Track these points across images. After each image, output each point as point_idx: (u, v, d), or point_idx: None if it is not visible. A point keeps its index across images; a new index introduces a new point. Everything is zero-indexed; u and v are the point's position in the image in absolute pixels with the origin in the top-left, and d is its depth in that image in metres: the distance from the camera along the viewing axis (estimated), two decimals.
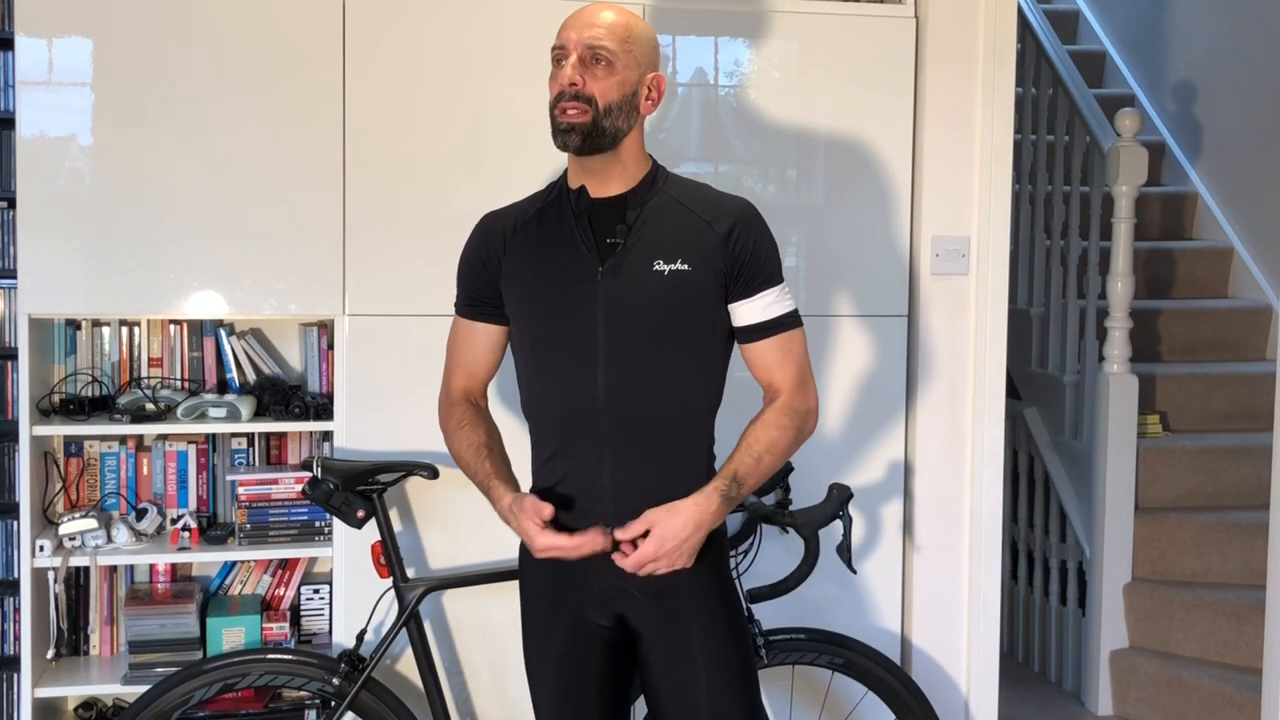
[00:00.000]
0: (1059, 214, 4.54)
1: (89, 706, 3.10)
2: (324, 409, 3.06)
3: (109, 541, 2.98)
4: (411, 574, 2.94)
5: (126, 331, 3.16)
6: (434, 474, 2.82)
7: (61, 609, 3.07)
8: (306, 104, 2.94)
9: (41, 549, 2.92)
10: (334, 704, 2.78)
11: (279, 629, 3.11)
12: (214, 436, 3.17)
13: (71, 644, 3.14)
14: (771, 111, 3.16)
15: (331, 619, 3.10)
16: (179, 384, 3.17)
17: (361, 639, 2.80)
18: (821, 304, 3.19)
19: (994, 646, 3.31)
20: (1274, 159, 4.80)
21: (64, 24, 2.85)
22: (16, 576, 3.03)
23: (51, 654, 3.06)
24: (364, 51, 2.96)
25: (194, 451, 3.16)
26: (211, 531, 3.10)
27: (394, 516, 2.99)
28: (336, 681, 2.77)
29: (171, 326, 3.17)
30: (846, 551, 2.76)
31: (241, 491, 3.05)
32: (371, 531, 2.81)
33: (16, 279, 2.89)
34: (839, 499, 2.74)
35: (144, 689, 2.78)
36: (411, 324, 2.99)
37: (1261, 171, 4.89)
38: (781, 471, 2.86)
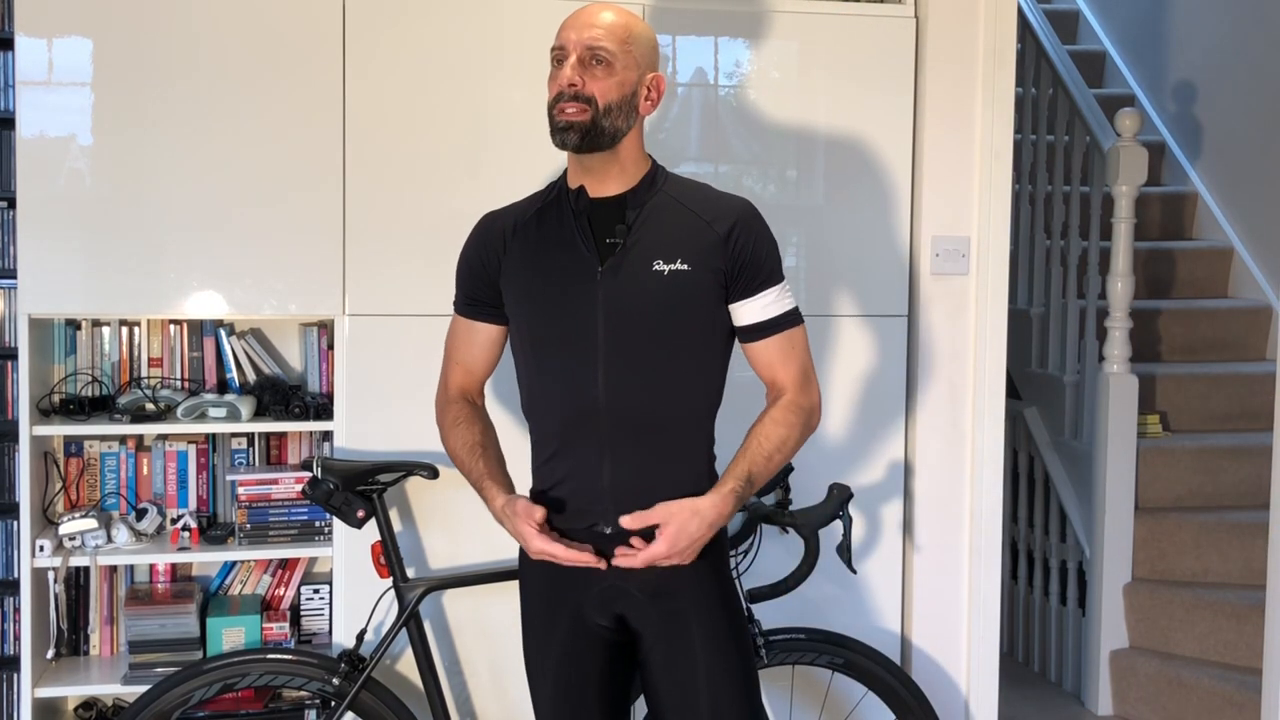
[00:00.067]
0: (1059, 214, 4.53)
1: (89, 706, 3.10)
2: (324, 409, 3.06)
3: (109, 541, 2.98)
4: (411, 574, 2.94)
5: (126, 331, 3.16)
6: (434, 474, 2.82)
7: (61, 609, 3.07)
8: (306, 104, 2.94)
9: (41, 549, 2.92)
10: (334, 704, 2.78)
11: (279, 629, 3.11)
12: (214, 436, 3.17)
13: (71, 644, 3.14)
14: (771, 111, 3.16)
15: (331, 619, 3.10)
16: (179, 384, 3.17)
17: (361, 639, 2.80)
18: (821, 304, 3.19)
19: (994, 646, 3.31)
20: (1274, 159, 4.80)
21: (64, 24, 2.85)
22: (16, 576, 3.03)
23: (51, 654, 3.06)
24: (364, 51, 2.96)
25: (194, 451, 3.16)
26: (211, 531, 3.10)
27: (394, 516, 2.99)
28: (336, 681, 2.77)
29: (171, 326, 3.17)
30: (846, 551, 2.76)
31: (241, 491, 3.05)
32: (371, 531, 2.81)
33: (16, 279, 2.89)
34: (839, 499, 2.74)
35: (144, 689, 2.78)
36: (411, 324, 2.99)
37: (1261, 171, 4.88)
38: (781, 471, 2.86)
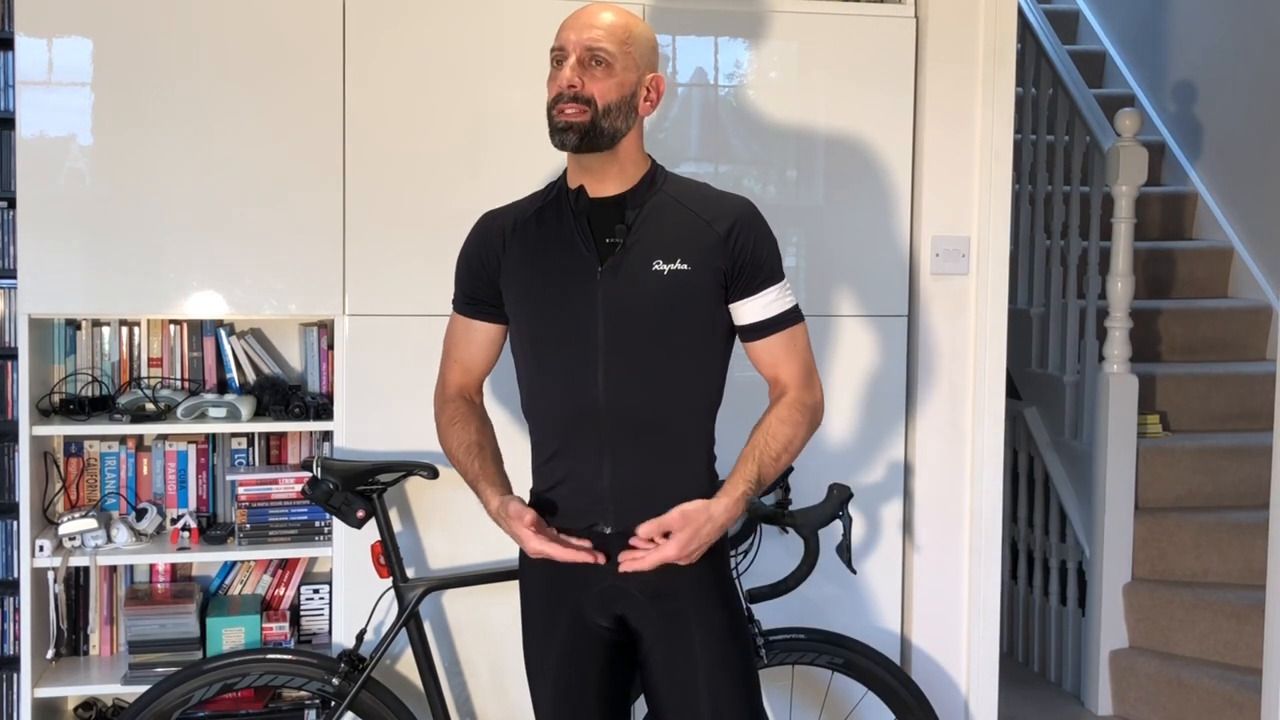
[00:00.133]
0: (1059, 214, 4.53)
1: (89, 706, 3.10)
2: (324, 409, 3.06)
3: (109, 541, 2.98)
4: (411, 574, 2.94)
5: (126, 331, 3.16)
6: (434, 474, 2.82)
7: (61, 609, 3.07)
8: (306, 104, 2.94)
9: (41, 549, 2.92)
10: (334, 704, 2.78)
11: (279, 629, 3.11)
12: (214, 436, 3.17)
13: (71, 644, 3.14)
14: (771, 111, 3.16)
15: (331, 619, 3.10)
16: (179, 384, 3.17)
17: (361, 639, 2.80)
18: (821, 304, 3.19)
19: (994, 646, 3.31)
20: (1274, 159, 4.80)
21: (64, 24, 2.85)
22: (16, 576, 3.03)
23: (51, 654, 3.06)
24: (364, 51, 2.96)
25: (194, 451, 3.16)
26: (211, 531, 3.10)
27: (394, 516, 2.99)
28: (336, 681, 2.77)
29: (171, 326, 3.17)
30: (846, 551, 2.76)
31: (241, 491, 3.05)
32: (371, 531, 2.81)
33: (16, 279, 2.89)
34: (839, 499, 2.74)
35: (144, 689, 2.78)
36: (411, 324, 2.99)
37: (1261, 171, 4.88)
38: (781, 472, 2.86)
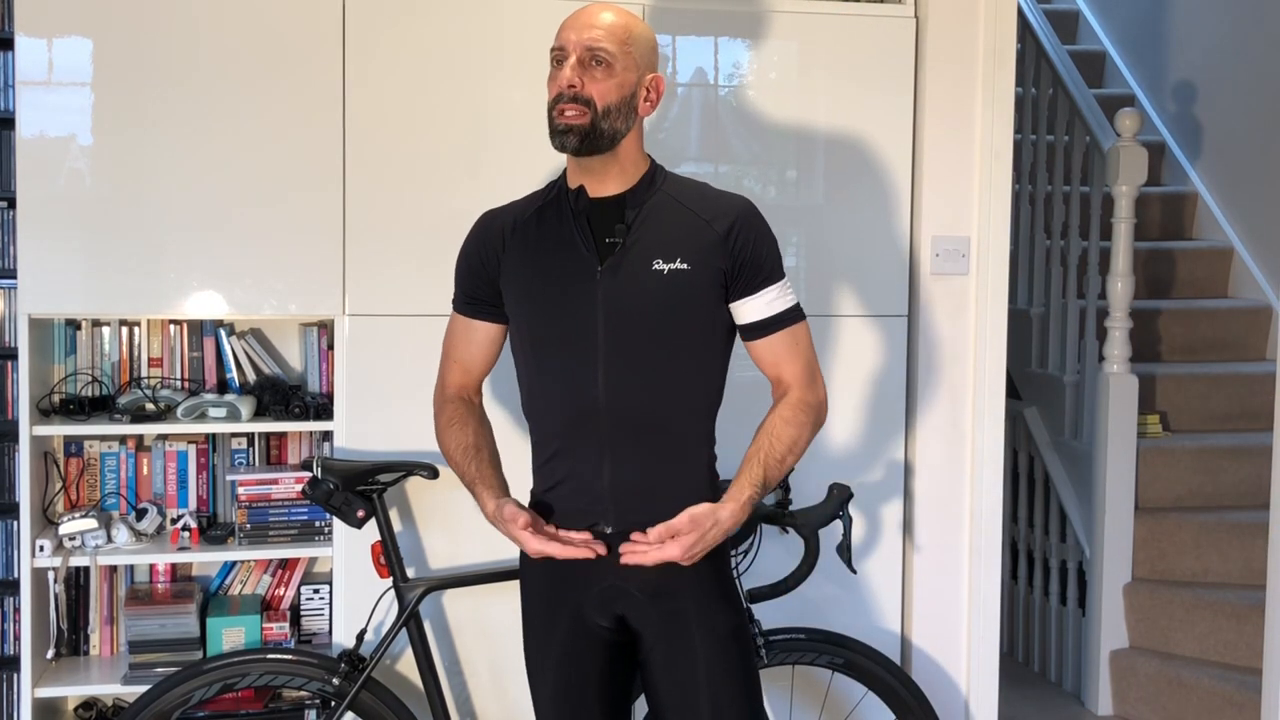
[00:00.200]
0: (1059, 214, 4.53)
1: (89, 706, 3.10)
2: (324, 409, 3.06)
3: (109, 541, 2.98)
4: (411, 574, 2.94)
5: (126, 331, 3.16)
6: (434, 474, 2.82)
7: (61, 609, 3.07)
8: (307, 104, 2.94)
9: (41, 549, 2.92)
10: (334, 704, 2.78)
11: (279, 629, 3.11)
12: (214, 436, 3.17)
13: (71, 644, 3.14)
14: (771, 111, 3.16)
15: (331, 619, 3.10)
16: (179, 384, 3.17)
17: (361, 639, 2.80)
18: (822, 304, 3.19)
19: (994, 646, 3.31)
20: (1274, 159, 4.80)
21: (64, 24, 2.85)
22: (16, 576, 3.03)
23: (51, 654, 3.06)
24: (364, 52, 2.96)
25: (194, 451, 3.16)
26: (211, 531, 3.10)
27: (394, 516, 2.99)
28: (336, 681, 2.77)
29: (171, 326, 3.17)
30: (846, 551, 2.76)
31: (241, 491, 3.05)
32: (371, 531, 2.81)
33: (16, 279, 2.89)
34: (839, 499, 2.74)
35: (144, 689, 2.78)
36: (411, 324, 2.99)
37: (1261, 171, 4.88)
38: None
